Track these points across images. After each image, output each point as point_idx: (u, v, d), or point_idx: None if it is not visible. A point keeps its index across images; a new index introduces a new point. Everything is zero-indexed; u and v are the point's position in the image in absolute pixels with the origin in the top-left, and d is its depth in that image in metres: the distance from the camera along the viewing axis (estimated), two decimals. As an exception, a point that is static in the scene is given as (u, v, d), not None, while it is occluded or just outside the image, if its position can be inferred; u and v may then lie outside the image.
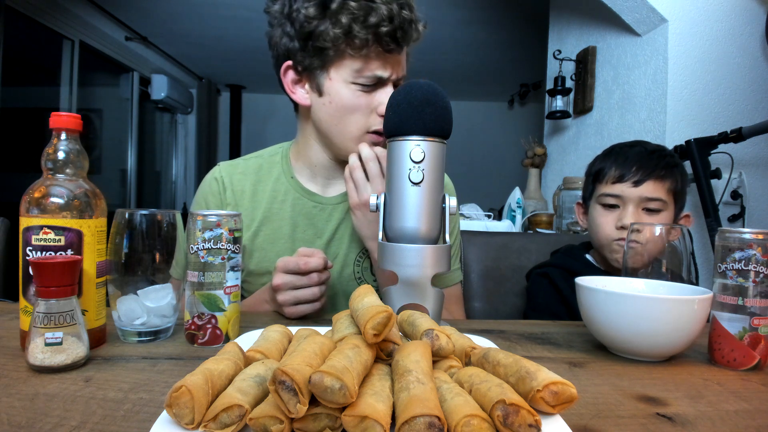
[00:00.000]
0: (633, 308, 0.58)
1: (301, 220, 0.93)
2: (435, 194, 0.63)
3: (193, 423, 0.36)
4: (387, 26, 0.78)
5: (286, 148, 0.99)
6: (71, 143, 0.57)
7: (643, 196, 0.98)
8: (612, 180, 1.01)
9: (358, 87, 0.82)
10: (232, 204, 0.94)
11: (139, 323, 0.61)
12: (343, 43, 0.79)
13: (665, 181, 0.99)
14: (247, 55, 4.47)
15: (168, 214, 0.64)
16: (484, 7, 3.35)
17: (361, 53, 0.80)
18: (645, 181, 0.98)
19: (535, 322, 0.82)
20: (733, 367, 0.59)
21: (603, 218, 1.03)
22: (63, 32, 3.31)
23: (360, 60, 0.81)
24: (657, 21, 1.84)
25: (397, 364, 0.41)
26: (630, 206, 0.99)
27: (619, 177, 1.00)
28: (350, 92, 0.83)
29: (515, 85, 5.05)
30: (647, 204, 0.99)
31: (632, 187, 0.99)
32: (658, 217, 0.99)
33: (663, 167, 0.99)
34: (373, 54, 0.80)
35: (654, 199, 0.98)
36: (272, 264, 0.78)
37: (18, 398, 0.44)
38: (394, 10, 0.78)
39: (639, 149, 1.03)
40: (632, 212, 0.99)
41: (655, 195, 0.98)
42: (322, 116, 0.86)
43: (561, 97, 2.39)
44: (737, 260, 0.59)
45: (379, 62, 0.81)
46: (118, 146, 4.29)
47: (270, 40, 0.88)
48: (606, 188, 1.03)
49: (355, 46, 0.79)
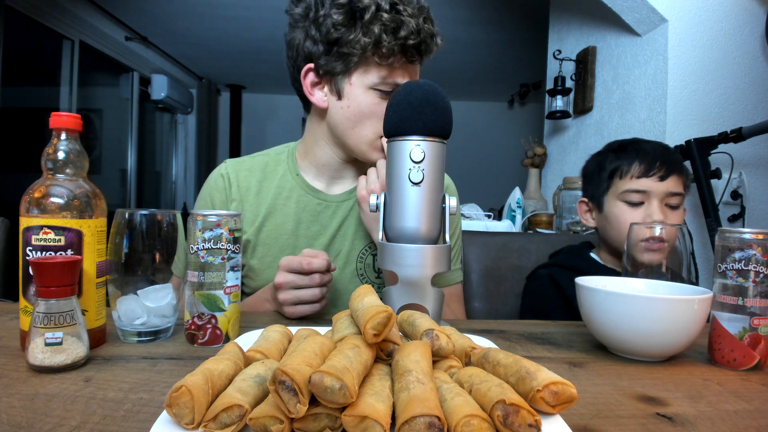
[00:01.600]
0: (633, 308, 0.58)
1: (305, 216, 0.94)
2: (435, 194, 0.63)
3: (193, 423, 0.36)
4: (414, 39, 0.81)
5: (293, 147, 1.00)
6: (71, 143, 0.57)
7: (668, 191, 0.99)
8: (637, 174, 1.00)
9: (377, 93, 0.85)
10: (237, 200, 0.94)
11: (139, 323, 0.61)
12: (370, 51, 0.82)
13: (682, 175, 1.00)
14: (247, 55, 4.47)
15: (168, 214, 0.64)
16: (484, 7, 3.35)
17: (387, 62, 0.83)
18: (670, 176, 0.98)
19: (535, 322, 0.82)
20: (733, 367, 0.59)
21: (628, 215, 1.00)
22: (63, 32, 3.31)
23: (385, 69, 0.84)
24: (657, 21, 1.84)
25: (397, 364, 0.41)
26: (655, 201, 0.99)
27: (645, 171, 0.99)
28: (369, 98, 0.85)
29: (515, 85, 5.05)
30: (670, 199, 0.99)
31: (658, 182, 0.98)
32: (677, 212, 1.00)
33: (681, 162, 1.01)
34: (397, 64, 0.84)
35: (676, 193, 0.99)
36: (275, 259, 0.78)
37: (18, 398, 0.44)
38: (420, 24, 0.82)
39: (655, 144, 1.03)
40: (657, 208, 0.98)
41: (677, 189, 0.99)
42: (339, 119, 0.88)
43: (561, 97, 2.39)
44: (737, 260, 0.59)
45: (402, 71, 0.85)
46: (118, 146, 4.29)
47: (290, 42, 0.90)
48: (630, 184, 1.01)
49: (382, 55, 0.82)
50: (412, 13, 0.82)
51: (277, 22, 3.66)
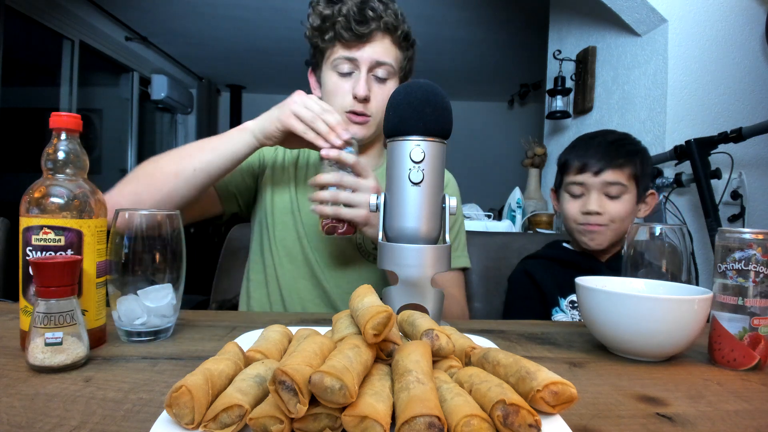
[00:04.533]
0: (633, 308, 0.58)
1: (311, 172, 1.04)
2: (435, 194, 0.63)
3: (193, 423, 0.36)
4: (343, 20, 0.92)
5: None
6: (71, 143, 0.57)
7: (604, 182, 1.08)
8: (576, 171, 1.11)
9: (335, 73, 0.96)
10: (270, 165, 1.06)
11: (139, 323, 0.61)
12: (318, 38, 0.96)
13: (624, 168, 1.08)
14: (247, 55, 4.47)
15: (168, 214, 0.64)
16: (484, 7, 3.35)
17: (330, 42, 0.95)
18: (605, 170, 1.08)
19: (535, 322, 0.82)
20: (733, 367, 0.59)
21: (569, 204, 1.14)
22: (63, 32, 3.31)
23: (338, 48, 0.95)
24: (657, 21, 1.84)
25: (397, 364, 0.41)
26: (593, 192, 1.09)
27: (582, 167, 1.10)
28: (331, 78, 0.97)
29: (515, 85, 5.04)
30: (608, 189, 1.08)
31: (593, 177, 1.09)
32: (618, 201, 1.08)
33: (623, 155, 1.08)
34: (341, 41, 0.94)
35: (614, 183, 1.08)
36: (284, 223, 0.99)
37: (18, 398, 0.44)
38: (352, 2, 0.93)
39: (600, 140, 1.13)
40: (595, 198, 1.09)
41: (615, 179, 1.07)
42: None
43: (561, 97, 2.39)
44: (737, 260, 0.59)
45: (350, 47, 0.94)
46: (118, 146, 4.29)
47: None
48: (571, 178, 1.13)
49: (324, 39, 0.95)
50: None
51: (277, 22, 3.66)
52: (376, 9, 0.91)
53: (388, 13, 0.93)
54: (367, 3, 0.91)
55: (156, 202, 0.83)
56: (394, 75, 0.97)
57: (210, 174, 0.86)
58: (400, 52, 0.98)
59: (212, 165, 0.86)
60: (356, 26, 0.91)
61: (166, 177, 0.85)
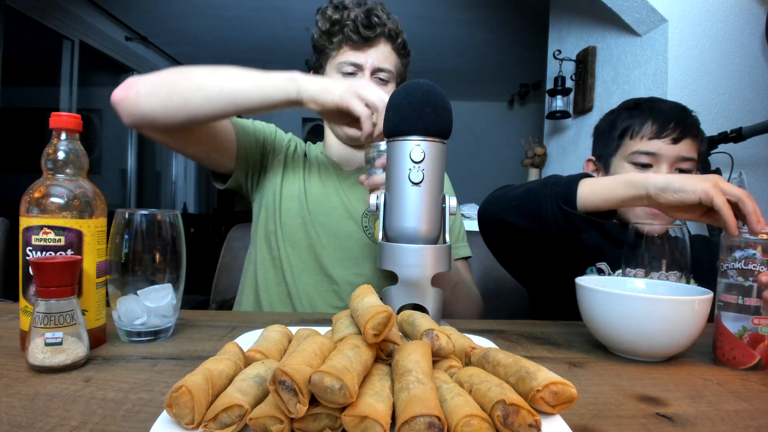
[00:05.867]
0: (633, 308, 0.58)
1: (322, 172, 1.07)
2: (435, 194, 0.63)
3: (193, 423, 0.36)
4: (351, 24, 0.97)
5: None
6: (71, 143, 0.57)
7: (680, 155, 0.92)
8: (648, 136, 0.93)
9: (339, 75, 1.00)
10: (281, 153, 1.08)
11: (139, 323, 0.61)
12: (326, 41, 1.01)
13: (697, 140, 0.94)
14: (248, 55, 4.47)
15: (168, 214, 0.64)
16: (484, 7, 3.35)
17: (337, 46, 1.00)
18: (683, 139, 0.91)
19: (535, 322, 0.82)
20: (734, 365, 0.59)
21: None
22: (63, 32, 3.31)
23: (344, 52, 1.00)
24: (657, 21, 1.84)
25: (397, 364, 0.41)
26: (664, 166, 0.92)
27: (657, 132, 0.92)
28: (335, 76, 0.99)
29: (515, 85, 5.04)
30: (681, 164, 0.93)
31: (670, 144, 0.92)
32: None
33: (697, 125, 0.94)
34: (347, 46, 1.00)
35: (688, 158, 0.92)
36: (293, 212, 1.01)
37: (18, 398, 0.44)
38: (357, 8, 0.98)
39: (672, 104, 0.96)
40: (666, 173, 0.91)
41: (690, 154, 0.92)
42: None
43: (561, 97, 2.39)
44: (738, 259, 0.59)
45: (355, 51, 0.99)
46: (118, 146, 4.29)
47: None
48: (639, 145, 0.94)
49: (333, 42, 1.00)
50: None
51: (277, 22, 3.66)
52: (381, 17, 0.99)
53: (390, 21, 1.01)
54: (372, 11, 0.98)
55: (168, 106, 0.80)
56: (393, 80, 1.03)
57: (235, 102, 0.81)
58: (399, 59, 1.04)
59: (242, 94, 0.81)
60: (364, 30, 0.97)
61: (189, 83, 0.81)
